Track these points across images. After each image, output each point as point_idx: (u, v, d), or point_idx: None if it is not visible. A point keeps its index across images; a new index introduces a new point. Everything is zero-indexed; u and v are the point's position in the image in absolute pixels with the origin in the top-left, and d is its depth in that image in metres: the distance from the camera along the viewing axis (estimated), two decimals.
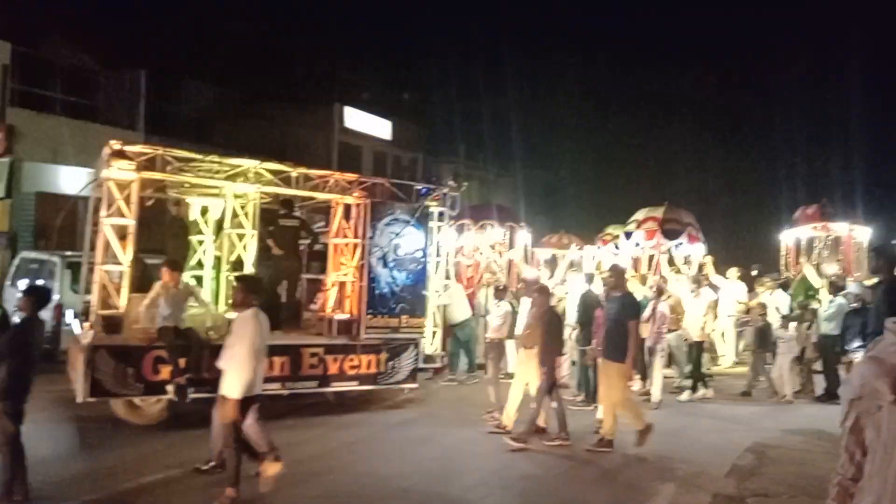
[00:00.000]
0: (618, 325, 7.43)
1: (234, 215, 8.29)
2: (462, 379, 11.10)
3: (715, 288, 11.03)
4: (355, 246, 8.86)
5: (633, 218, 12.01)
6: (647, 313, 10.08)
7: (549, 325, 7.59)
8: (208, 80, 24.84)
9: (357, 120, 28.96)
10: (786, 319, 10.54)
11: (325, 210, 9.51)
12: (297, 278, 9.41)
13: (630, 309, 7.56)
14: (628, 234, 11.96)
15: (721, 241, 12.01)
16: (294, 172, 8.58)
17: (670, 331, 10.20)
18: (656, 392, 9.78)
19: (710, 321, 10.47)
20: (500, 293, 9.12)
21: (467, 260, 11.65)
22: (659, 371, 9.89)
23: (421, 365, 9.20)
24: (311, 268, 9.67)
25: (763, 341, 10.62)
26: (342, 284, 8.92)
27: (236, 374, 5.08)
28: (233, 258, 8.23)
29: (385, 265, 8.93)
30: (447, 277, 10.45)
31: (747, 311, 11.35)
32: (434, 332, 9.55)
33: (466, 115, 31.22)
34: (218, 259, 8.79)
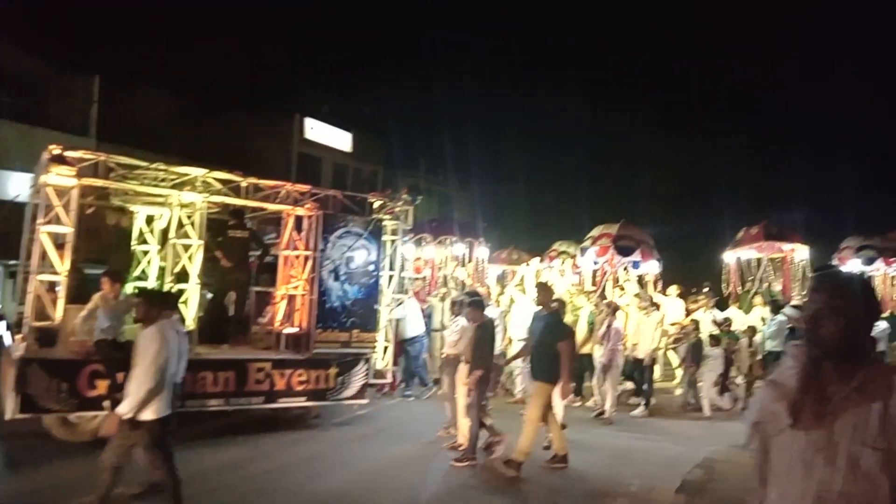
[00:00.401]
0: (543, 345, 7.10)
1: (180, 225, 8.00)
2: (418, 394, 10.93)
3: (656, 306, 11.12)
4: (306, 258, 8.65)
5: (589, 234, 12.08)
6: (601, 331, 10.10)
7: (477, 339, 7.37)
8: (166, 87, 24.33)
9: (317, 132, 28.73)
10: (713, 338, 10.65)
11: (276, 221, 9.28)
12: (246, 291, 9.14)
13: (557, 329, 7.17)
14: (584, 250, 12.02)
15: (676, 259, 12.11)
16: (244, 182, 8.36)
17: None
18: (609, 408, 9.77)
19: (657, 338, 10.52)
20: (456, 308, 8.97)
21: (416, 274, 11.42)
22: (613, 388, 9.88)
23: (371, 380, 9.01)
24: (261, 280, 9.40)
25: (695, 357, 10.71)
26: (292, 298, 8.69)
27: (131, 393, 4.77)
28: (177, 269, 7.94)
29: (336, 278, 8.74)
30: (404, 292, 10.31)
31: (681, 329, 11.49)
32: (385, 347, 9.37)
33: (427, 129, 31.29)
34: (163, 270, 8.48)
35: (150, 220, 8.93)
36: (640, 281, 12.09)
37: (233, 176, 8.30)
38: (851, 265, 12.18)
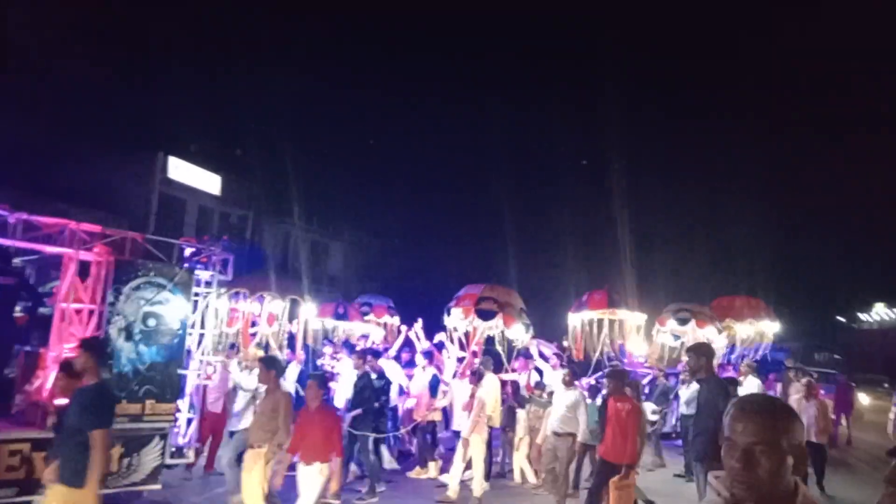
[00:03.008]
0: (79, 434, 4.39)
1: None
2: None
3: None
4: (90, 313, 6.99)
5: (457, 293, 11.10)
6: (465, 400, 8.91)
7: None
8: (12, 114, 21.57)
9: (182, 172, 26.48)
10: (519, 401, 9.69)
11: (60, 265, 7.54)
12: (10, 351, 7.28)
13: (92, 412, 4.46)
14: (448, 310, 11.01)
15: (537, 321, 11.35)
16: (12, 218, 6.66)
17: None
18: (477, 487, 8.39)
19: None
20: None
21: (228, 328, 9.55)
22: (481, 463, 8.55)
23: (168, 461, 7.35)
24: (32, 338, 7.54)
25: (510, 421, 9.69)
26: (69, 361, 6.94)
27: None
28: None
29: (129, 338, 7.10)
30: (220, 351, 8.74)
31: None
32: (189, 420, 7.75)
33: (302, 176, 29.74)
34: None
35: None
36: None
37: None
38: (668, 325, 12.80)
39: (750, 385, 11.79)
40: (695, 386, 9.91)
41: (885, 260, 41.01)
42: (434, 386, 9.55)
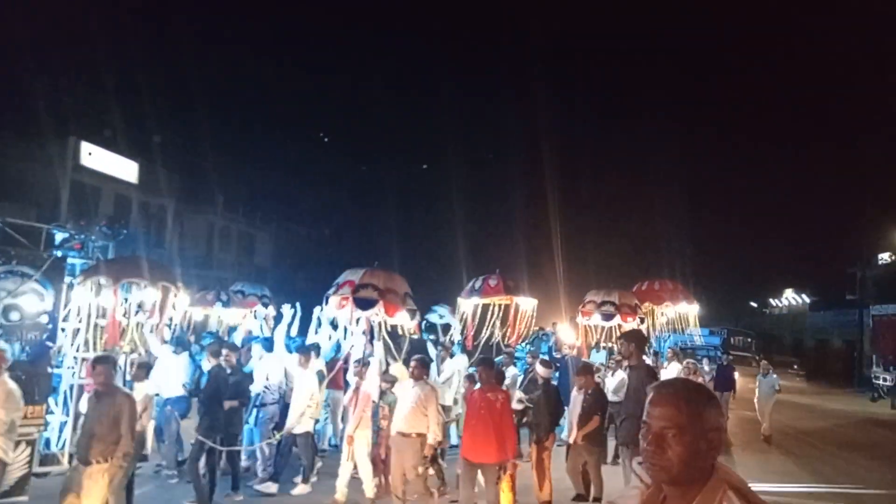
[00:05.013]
0: None
1: None
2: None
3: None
4: None
5: (336, 280, 9.95)
6: (349, 394, 8.25)
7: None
8: None
9: (97, 158, 24.82)
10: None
11: None
12: None
13: None
14: (326, 299, 9.83)
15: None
16: None
17: None
18: (368, 487, 7.66)
19: None
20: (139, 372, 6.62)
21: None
22: (367, 462, 7.81)
23: (37, 469, 6.52)
24: None
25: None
26: None
27: None
28: None
29: None
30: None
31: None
32: (63, 423, 6.91)
33: (227, 164, 28.47)
34: None
35: None
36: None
37: None
38: (594, 319, 12.41)
39: (672, 370, 11.79)
40: (620, 374, 9.73)
41: (794, 248, 42.83)
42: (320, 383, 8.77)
